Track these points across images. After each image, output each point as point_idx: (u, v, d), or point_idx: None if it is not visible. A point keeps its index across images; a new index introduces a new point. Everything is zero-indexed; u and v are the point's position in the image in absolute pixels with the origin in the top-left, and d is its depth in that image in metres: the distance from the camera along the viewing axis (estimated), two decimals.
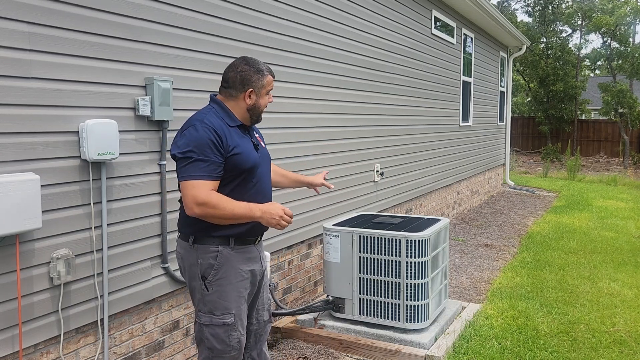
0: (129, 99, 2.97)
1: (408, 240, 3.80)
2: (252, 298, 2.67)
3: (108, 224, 2.87)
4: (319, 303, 4.20)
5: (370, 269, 3.92)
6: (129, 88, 2.96)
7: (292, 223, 3.10)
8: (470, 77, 9.61)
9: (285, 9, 4.24)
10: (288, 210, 2.46)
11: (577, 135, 25.17)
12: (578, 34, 28.48)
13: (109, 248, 2.89)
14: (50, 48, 2.55)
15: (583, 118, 27.17)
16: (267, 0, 4.02)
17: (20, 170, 2.45)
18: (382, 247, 3.87)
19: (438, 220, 4.26)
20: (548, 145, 24.90)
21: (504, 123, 12.94)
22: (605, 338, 4.13)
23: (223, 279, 2.47)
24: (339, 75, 5.07)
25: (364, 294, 3.96)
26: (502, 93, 12.53)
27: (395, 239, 3.82)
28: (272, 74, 2.59)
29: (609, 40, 25.64)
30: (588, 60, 30.05)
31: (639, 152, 23.15)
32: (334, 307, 4.08)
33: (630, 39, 25.32)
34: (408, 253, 3.80)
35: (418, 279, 3.81)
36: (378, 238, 3.88)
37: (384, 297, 3.90)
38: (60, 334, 2.67)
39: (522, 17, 59.69)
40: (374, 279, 3.91)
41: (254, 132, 2.69)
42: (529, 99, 28.86)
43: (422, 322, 3.87)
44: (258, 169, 2.56)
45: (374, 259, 3.90)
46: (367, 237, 3.92)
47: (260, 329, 2.78)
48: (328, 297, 4.17)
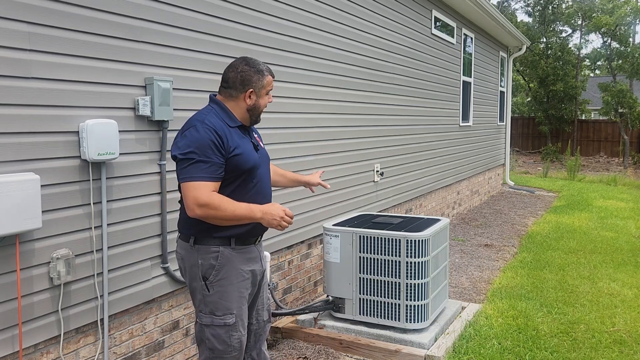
0: (129, 99, 2.97)
1: (408, 240, 3.80)
2: (252, 298, 2.67)
3: (108, 224, 2.87)
4: (319, 303, 4.20)
5: (370, 269, 3.92)
6: (129, 88, 2.96)
7: (292, 224, 3.10)
8: (470, 77, 9.61)
9: (285, 9, 4.24)
10: (288, 211, 2.46)
11: (577, 135, 25.17)
12: (578, 34, 28.50)
13: (109, 248, 2.89)
14: (50, 48, 2.55)
15: (583, 118, 27.18)
16: (267, 0, 4.02)
17: (20, 170, 2.45)
18: (382, 247, 3.87)
19: (438, 220, 4.26)
20: (548, 145, 24.90)
21: (504, 123, 12.94)
22: (605, 338, 4.13)
23: (224, 280, 2.47)
24: (339, 75, 5.07)
25: (364, 294, 3.96)
26: (502, 93, 12.53)
27: (395, 239, 3.82)
28: (272, 74, 2.59)
29: (609, 40, 25.64)
30: (588, 60, 30.04)
31: (639, 152, 23.16)
32: (334, 307, 4.08)
33: (630, 39, 25.32)
34: (408, 253, 3.80)
35: (418, 279, 3.81)
36: (378, 238, 3.88)
37: (384, 297, 3.90)
38: (60, 334, 2.67)
39: (522, 17, 59.77)
40: (374, 279, 3.91)
41: (253, 132, 2.70)
42: (529, 99, 28.87)
43: (422, 322, 3.87)
44: (258, 170, 2.56)
45: (374, 259, 3.90)
46: (367, 237, 3.92)
47: (260, 329, 2.78)
48: (328, 297, 4.17)
